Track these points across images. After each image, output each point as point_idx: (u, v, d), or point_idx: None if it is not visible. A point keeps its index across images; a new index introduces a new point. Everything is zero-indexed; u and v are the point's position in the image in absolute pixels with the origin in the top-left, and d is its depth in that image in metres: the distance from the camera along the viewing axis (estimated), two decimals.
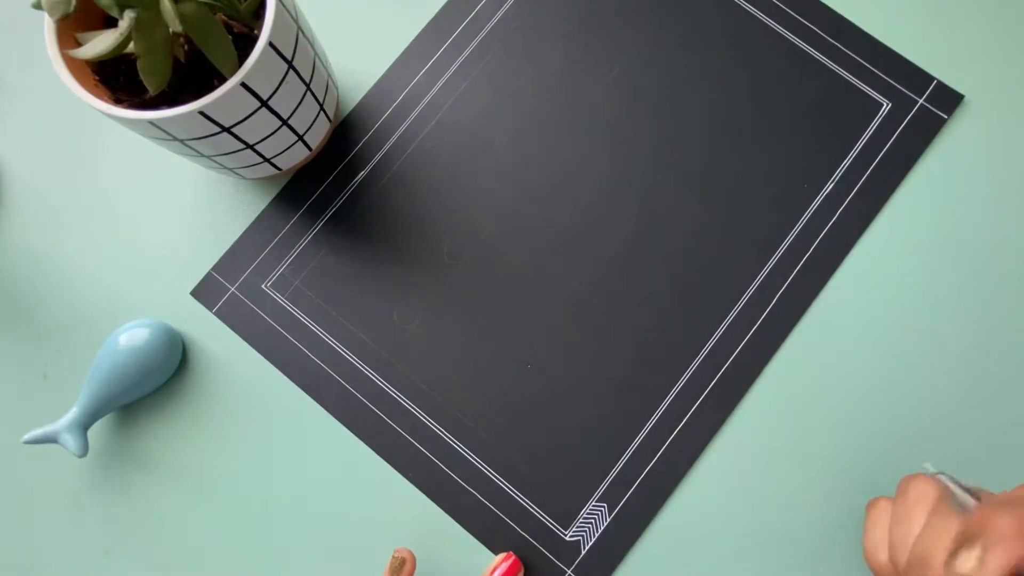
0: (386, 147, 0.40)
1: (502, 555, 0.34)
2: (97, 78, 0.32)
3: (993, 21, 0.39)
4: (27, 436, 0.35)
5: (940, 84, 0.39)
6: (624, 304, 0.37)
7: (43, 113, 0.41)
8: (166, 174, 0.40)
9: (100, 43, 0.29)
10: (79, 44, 0.30)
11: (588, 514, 0.36)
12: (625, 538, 0.35)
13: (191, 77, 0.32)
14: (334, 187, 0.40)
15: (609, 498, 0.36)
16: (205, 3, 0.29)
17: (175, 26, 0.27)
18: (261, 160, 0.35)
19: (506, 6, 0.41)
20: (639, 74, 0.40)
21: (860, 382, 0.36)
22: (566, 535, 0.35)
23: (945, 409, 0.36)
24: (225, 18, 0.33)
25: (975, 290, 0.37)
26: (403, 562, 0.33)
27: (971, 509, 0.26)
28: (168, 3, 0.27)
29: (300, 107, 0.34)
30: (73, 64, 0.30)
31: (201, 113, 0.29)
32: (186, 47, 0.32)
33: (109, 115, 0.29)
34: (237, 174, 0.37)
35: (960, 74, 0.39)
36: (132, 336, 0.36)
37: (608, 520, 0.35)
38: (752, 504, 0.35)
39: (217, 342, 0.38)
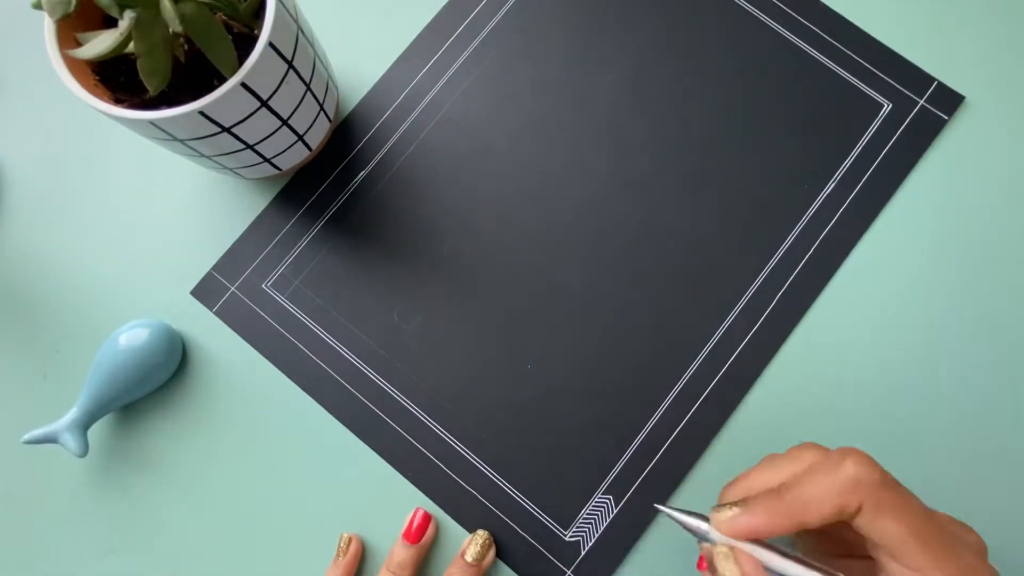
0: (386, 147, 0.40)
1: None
2: (97, 78, 0.32)
3: (993, 22, 0.39)
4: (27, 436, 0.35)
5: (941, 85, 0.39)
6: (625, 304, 0.37)
7: (43, 113, 0.41)
8: (166, 174, 0.40)
9: (100, 43, 0.29)
10: (79, 44, 0.30)
11: (588, 514, 0.36)
12: (625, 538, 0.35)
13: (191, 77, 0.32)
14: (334, 187, 0.40)
15: (609, 498, 0.36)
16: (205, 3, 0.29)
17: (175, 26, 0.27)
18: (261, 160, 0.35)
19: (507, 6, 0.41)
20: (639, 74, 0.40)
21: (861, 382, 0.36)
22: (566, 535, 0.35)
23: (946, 407, 0.36)
24: (225, 18, 0.33)
25: (976, 289, 0.37)
26: (349, 541, 0.35)
27: (705, 530, 0.27)
28: (168, 3, 0.27)
29: (300, 107, 0.34)
30: (73, 64, 0.30)
31: (201, 113, 0.29)
32: (186, 47, 0.32)
33: (109, 115, 0.29)
34: (237, 174, 0.37)
35: (960, 75, 0.39)
36: (132, 336, 0.36)
37: (608, 520, 0.35)
38: None
39: (217, 342, 0.38)
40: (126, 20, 0.27)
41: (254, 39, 0.30)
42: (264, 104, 0.31)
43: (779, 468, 0.27)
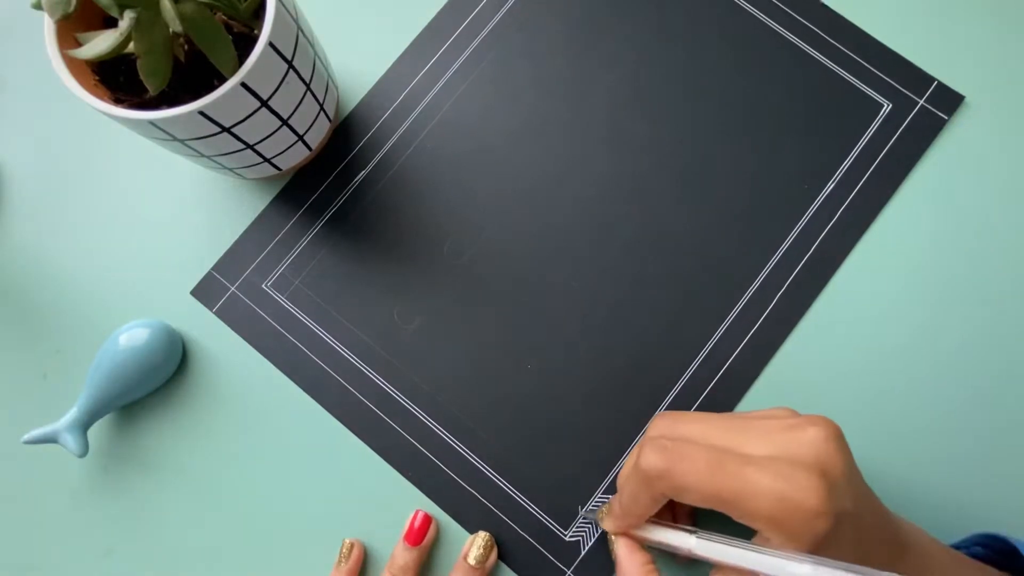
0: (386, 147, 0.40)
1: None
2: (97, 78, 0.32)
3: (993, 21, 0.39)
4: (27, 436, 0.35)
5: (940, 85, 0.39)
6: (624, 303, 0.37)
7: (43, 113, 0.41)
8: (166, 174, 0.40)
9: (100, 43, 0.29)
10: (79, 44, 0.30)
11: (588, 514, 0.36)
12: None
13: (191, 77, 0.32)
14: (334, 187, 0.40)
15: (609, 498, 0.36)
16: (205, 3, 0.29)
17: (175, 26, 0.27)
18: (261, 160, 0.35)
19: (506, 6, 0.41)
20: (639, 74, 0.40)
21: (860, 383, 0.36)
22: (566, 535, 0.35)
23: (945, 408, 0.36)
24: (225, 18, 0.33)
25: (975, 290, 0.37)
26: (351, 547, 0.35)
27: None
28: (168, 3, 0.27)
29: (300, 107, 0.34)
30: (73, 64, 0.30)
31: (201, 113, 0.29)
32: (186, 47, 0.32)
33: (109, 115, 0.29)
34: (237, 174, 0.37)
35: (960, 75, 0.39)
36: (132, 336, 0.36)
37: None
38: None
39: (217, 342, 0.38)
40: (126, 20, 0.27)
41: (254, 39, 0.30)
42: (264, 104, 0.31)
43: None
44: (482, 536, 0.35)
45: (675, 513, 0.33)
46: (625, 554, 0.30)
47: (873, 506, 0.27)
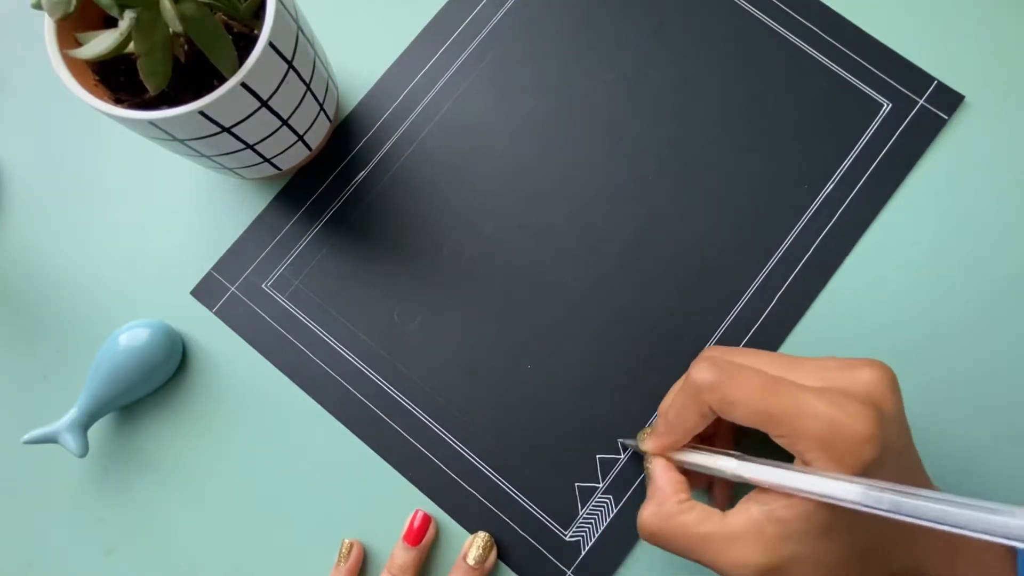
0: (386, 147, 0.40)
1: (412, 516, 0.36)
2: (97, 78, 0.32)
3: (993, 21, 0.39)
4: (27, 436, 0.35)
5: (940, 84, 0.39)
6: (624, 304, 0.37)
7: (43, 113, 0.41)
8: (166, 174, 0.40)
9: (100, 43, 0.29)
10: (79, 44, 0.30)
11: (588, 514, 0.36)
12: (625, 538, 0.35)
13: (191, 77, 0.32)
14: (334, 187, 0.40)
15: (609, 498, 0.36)
16: (205, 3, 0.29)
17: (175, 26, 0.27)
18: (261, 160, 0.35)
19: (506, 6, 0.41)
20: (639, 74, 0.40)
21: None
22: (566, 535, 0.35)
23: (946, 408, 0.36)
24: (225, 18, 0.33)
25: (975, 289, 0.37)
26: (351, 547, 0.35)
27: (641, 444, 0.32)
28: (168, 3, 0.27)
29: (300, 107, 0.34)
30: (73, 64, 0.30)
31: (201, 113, 0.29)
32: (186, 47, 0.32)
33: (109, 115, 0.29)
34: (237, 174, 0.37)
35: (960, 74, 0.39)
36: (132, 336, 0.36)
37: (608, 520, 0.35)
38: None
39: (217, 342, 0.38)
40: (126, 20, 0.27)
41: (254, 39, 0.30)
42: (264, 104, 0.31)
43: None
44: (482, 536, 0.35)
45: (714, 443, 0.33)
46: (661, 472, 0.30)
47: (915, 456, 0.28)
